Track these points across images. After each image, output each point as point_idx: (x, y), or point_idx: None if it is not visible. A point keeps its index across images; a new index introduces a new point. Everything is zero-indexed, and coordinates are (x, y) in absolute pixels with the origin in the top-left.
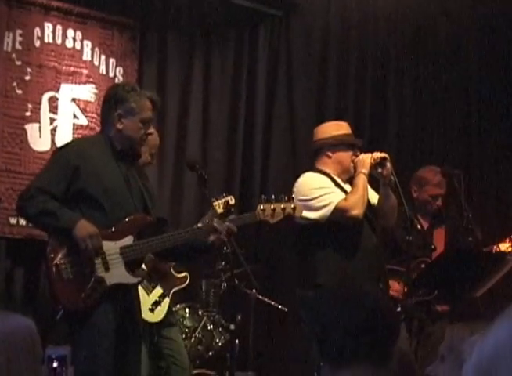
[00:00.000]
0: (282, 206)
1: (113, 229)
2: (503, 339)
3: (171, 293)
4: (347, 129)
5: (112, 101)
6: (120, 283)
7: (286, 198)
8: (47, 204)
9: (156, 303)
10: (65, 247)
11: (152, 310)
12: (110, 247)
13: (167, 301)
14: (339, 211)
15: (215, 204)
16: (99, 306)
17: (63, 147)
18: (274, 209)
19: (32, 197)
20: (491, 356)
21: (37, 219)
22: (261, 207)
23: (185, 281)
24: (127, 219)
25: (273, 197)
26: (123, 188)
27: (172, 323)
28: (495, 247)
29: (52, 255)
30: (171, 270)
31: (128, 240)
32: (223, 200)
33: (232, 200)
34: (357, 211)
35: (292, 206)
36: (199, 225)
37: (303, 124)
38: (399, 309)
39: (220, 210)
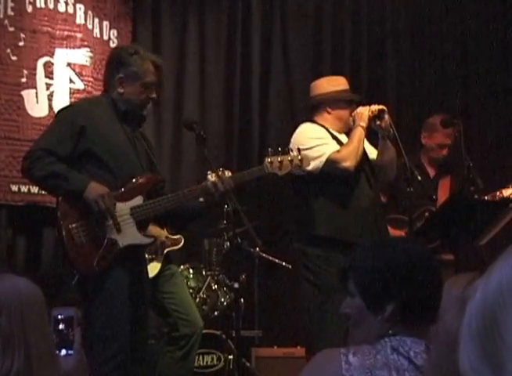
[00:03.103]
0: (289, 158)
1: (122, 190)
2: (507, 276)
3: (164, 253)
4: (345, 85)
5: (114, 64)
6: (132, 244)
7: (292, 150)
8: (55, 167)
9: (150, 259)
10: (76, 211)
11: None
12: (121, 208)
13: (160, 258)
14: (331, 163)
15: (210, 176)
16: (111, 269)
17: (67, 107)
18: (281, 161)
19: (38, 158)
20: (495, 293)
21: (45, 182)
22: (269, 160)
23: (179, 243)
24: (135, 179)
25: (279, 149)
26: (129, 148)
27: (174, 280)
28: (498, 193)
29: (63, 220)
30: (165, 231)
31: (138, 200)
32: (220, 172)
33: (229, 174)
34: (348, 163)
35: (299, 157)
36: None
37: (299, 79)
38: None
39: None
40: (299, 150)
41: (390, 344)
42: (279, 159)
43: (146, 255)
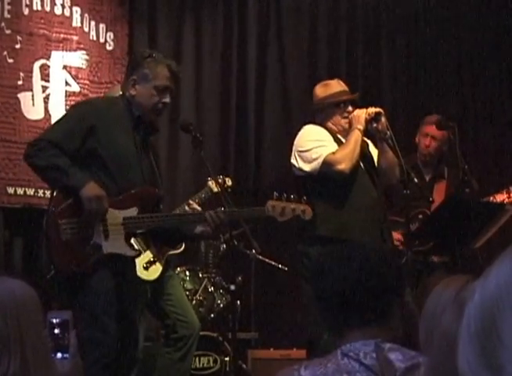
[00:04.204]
0: (292, 206)
1: (120, 198)
2: (505, 278)
3: (165, 256)
4: (336, 87)
5: (130, 66)
6: (116, 254)
7: (297, 198)
8: (58, 159)
9: (151, 262)
10: (68, 208)
11: (146, 268)
12: (114, 215)
13: (161, 262)
14: (326, 165)
15: (211, 182)
16: (96, 271)
17: (82, 103)
18: (284, 208)
19: (43, 148)
20: (493, 294)
21: (46, 172)
22: (271, 204)
23: (180, 247)
24: (134, 190)
25: (285, 195)
26: (134, 157)
27: (172, 283)
28: (491, 198)
29: (54, 214)
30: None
31: (133, 211)
32: (220, 180)
33: (229, 182)
34: (343, 165)
35: (302, 208)
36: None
37: (295, 81)
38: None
39: (215, 189)
40: (304, 199)
41: (340, 351)
42: (281, 205)
43: (150, 257)
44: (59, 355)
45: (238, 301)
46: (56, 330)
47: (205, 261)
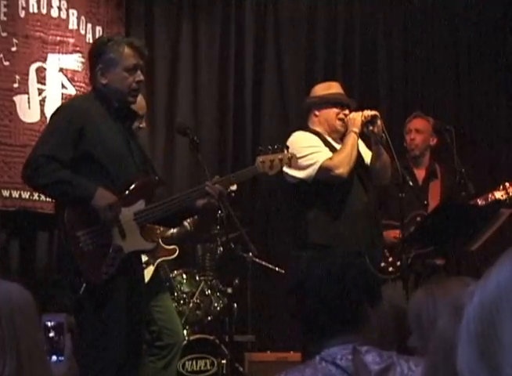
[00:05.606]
0: (279, 156)
1: (125, 194)
2: (505, 279)
3: (156, 262)
4: (337, 89)
5: (93, 57)
6: (137, 250)
7: (281, 148)
8: (59, 173)
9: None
10: (81, 219)
11: None
12: (125, 213)
13: (151, 268)
14: (324, 170)
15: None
16: (114, 278)
17: (61, 108)
18: (272, 160)
19: (41, 166)
20: (493, 296)
21: (51, 189)
22: (260, 160)
23: (174, 253)
24: (136, 183)
25: (270, 147)
26: (124, 149)
27: (162, 291)
28: (490, 195)
29: (69, 229)
30: (159, 241)
31: (140, 204)
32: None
33: (234, 187)
34: (341, 169)
35: (289, 156)
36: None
37: (292, 86)
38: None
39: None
40: (288, 147)
41: (319, 356)
42: (269, 158)
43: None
44: (54, 358)
45: (235, 304)
46: (51, 334)
47: (202, 264)
